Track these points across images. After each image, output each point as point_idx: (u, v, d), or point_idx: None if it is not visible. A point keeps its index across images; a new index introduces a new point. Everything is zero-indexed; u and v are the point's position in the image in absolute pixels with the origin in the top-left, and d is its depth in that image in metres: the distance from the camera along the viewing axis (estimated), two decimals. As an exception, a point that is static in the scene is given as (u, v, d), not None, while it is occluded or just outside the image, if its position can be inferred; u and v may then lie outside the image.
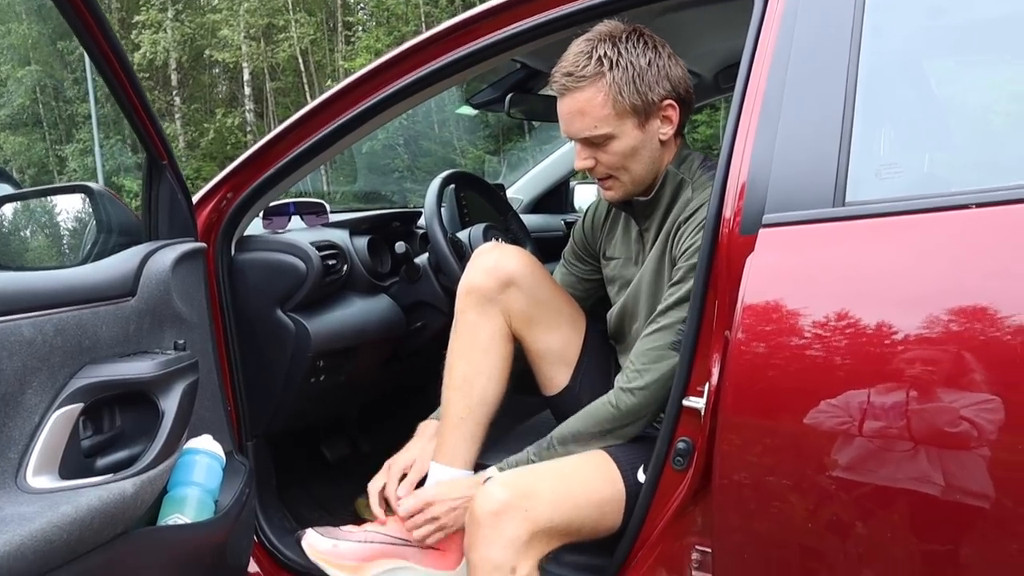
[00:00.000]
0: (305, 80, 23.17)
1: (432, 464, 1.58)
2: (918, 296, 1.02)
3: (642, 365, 1.41)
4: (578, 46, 1.44)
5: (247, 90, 24.04)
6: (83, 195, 1.61)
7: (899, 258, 1.05)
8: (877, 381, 1.01)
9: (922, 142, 1.24)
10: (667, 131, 1.46)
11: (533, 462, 1.46)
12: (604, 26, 1.43)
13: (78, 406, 1.20)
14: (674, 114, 1.46)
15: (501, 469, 1.47)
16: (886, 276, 1.05)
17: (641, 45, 1.42)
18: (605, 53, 1.40)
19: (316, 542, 1.56)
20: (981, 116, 1.28)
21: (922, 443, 0.98)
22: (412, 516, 1.52)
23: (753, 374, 1.09)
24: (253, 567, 1.74)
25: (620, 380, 1.44)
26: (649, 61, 1.41)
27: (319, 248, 1.82)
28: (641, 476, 1.40)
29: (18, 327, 1.13)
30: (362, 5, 24.27)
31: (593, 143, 1.46)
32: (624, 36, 1.42)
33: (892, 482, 1.01)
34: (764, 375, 1.08)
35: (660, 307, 1.43)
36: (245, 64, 23.39)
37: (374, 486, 1.63)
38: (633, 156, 1.46)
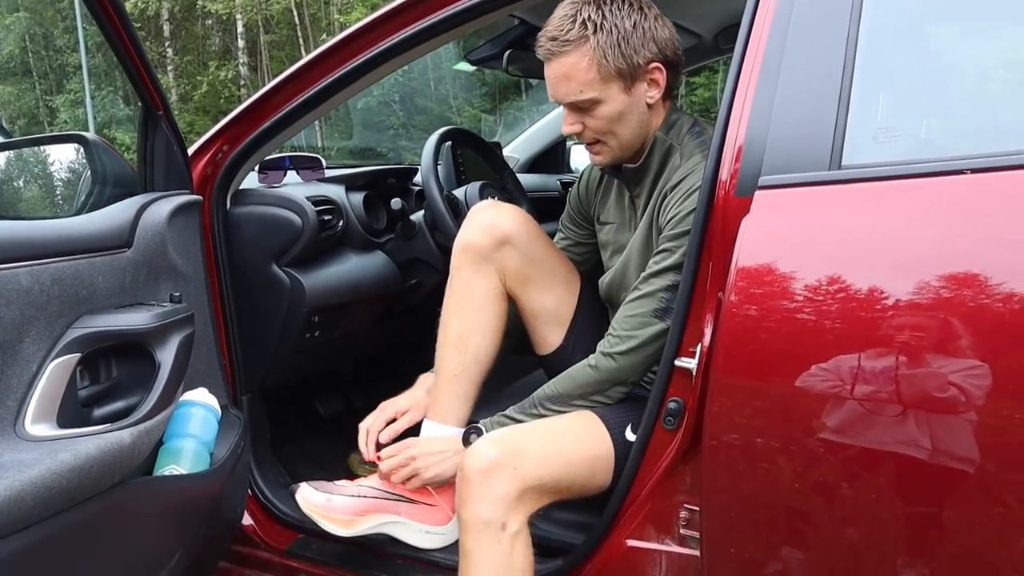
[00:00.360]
0: (300, 34, 22.84)
1: (425, 421, 1.60)
2: (912, 261, 1.02)
3: (624, 332, 1.42)
4: (563, 9, 1.43)
5: (241, 43, 23.67)
6: (78, 145, 1.60)
7: (894, 223, 1.05)
8: (868, 345, 1.02)
9: (920, 107, 1.24)
10: (654, 94, 1.45)
11: (517, 422, 1.48)
12: None
13: (75, 356, 1.20)
14: (661, 77, 1.45)
15: (485, 428, 1.49)
16: (880, 240, 1.05)
17: (626, 7, 1.40)
18: (589, 16, 1.39)
19: (310, 495, 1.58)
20: (979, 82, 1.28)
21: (910, 408, 1.00)
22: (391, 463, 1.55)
23: (745, 336, 1.10)
24: (247, 520, 1.76)
25: (603, 345, 1.45)
26: (634, 23, 1.40)
27: (315, 203, 1.81)
28: (629, 435, 1.41)
29: (15, 276, 1.13)
30: (358, -42, 23.86)
31: (580, 108, 1.45)
32: None
33: (879, 445, 1.02)
34: (756, 337, 1.09)
35: (644, 274, 1.43)
36: (239, 16, 23.02)
37: (364, 424, 1.66)
38: (620, 120, 1.45)
